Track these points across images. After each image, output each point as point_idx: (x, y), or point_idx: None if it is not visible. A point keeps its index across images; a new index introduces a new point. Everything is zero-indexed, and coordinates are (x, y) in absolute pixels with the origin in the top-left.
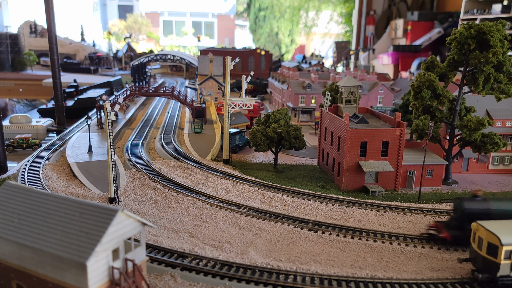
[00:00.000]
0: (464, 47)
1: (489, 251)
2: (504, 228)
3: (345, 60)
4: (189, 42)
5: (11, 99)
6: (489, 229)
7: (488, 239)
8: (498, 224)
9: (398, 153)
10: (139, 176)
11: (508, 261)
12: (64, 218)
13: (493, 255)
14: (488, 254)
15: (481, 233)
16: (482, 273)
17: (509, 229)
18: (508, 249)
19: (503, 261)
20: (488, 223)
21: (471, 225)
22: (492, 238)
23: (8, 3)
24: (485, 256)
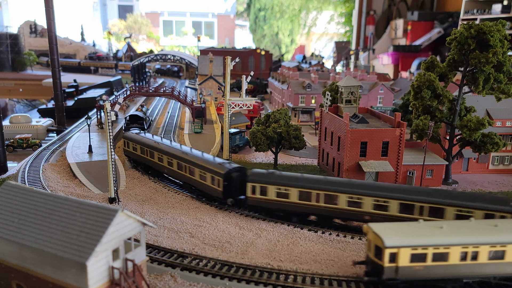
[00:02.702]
0: (464, 47)
1: (375, 253)
2: (391, 230)
3: (345, 60)
4: (189, 42)
5: (11, 99)
6: (376, 231)
7: (375, 241)
8: (387, 226)
9: (398, 153)
10: (139, 176)
11: (393, 264)
12: (64, 218)
13: (379, 258)
14: (375, 256)
15: (370, 235)
16: (370, 276)
17: (396, 231)
18: (393, 251)
19: (387, 263)
20: (377, 225)
21: (363, 227)
22: (378, 241)
23: (8, 3)
24: (373, 259)
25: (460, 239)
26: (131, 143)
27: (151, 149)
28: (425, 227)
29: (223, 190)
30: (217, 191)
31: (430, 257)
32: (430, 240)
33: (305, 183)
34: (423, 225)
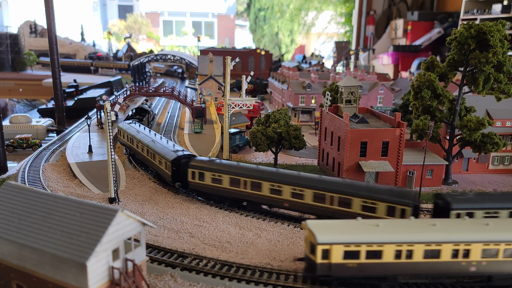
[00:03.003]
0: (464, 47)
1: (310, 250)
2: (326, 227)
3: (345, 60)
4: (189, 42)
5: (11, 99)
6: (310, 227)
7: (310, 238)
8: (323, 223)
9: (398, 153)
10: (139, 176)
11: (326, 260)
12: (64, 218)
13: (313, 254)
14: (310, 253)
15: (306, 232)
16: (306, 272)
17: (330, 228)
18: (325, 248)
19: (320, 260)
20: (313, 221)
21: (302, 224)
22: (312, 237)
23: (8, 3)
24: (308, 255)
25: (395, 237)
26: (122, 132)
27: (132, 137)
28: (361, 225)
29: (172, 174)
30: (168, 175)
31: (364, 254)
32: (364, 238)
33: (235, 170)
34: (359, 223)
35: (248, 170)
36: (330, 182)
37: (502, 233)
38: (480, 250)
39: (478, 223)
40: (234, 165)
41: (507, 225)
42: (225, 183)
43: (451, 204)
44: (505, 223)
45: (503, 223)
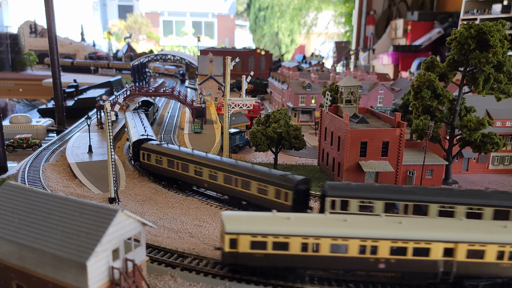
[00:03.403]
0: (464, 47)
1: (221, 239)
2: (236, 218)
3: (345, 60)
4: (189, 42)
5: (11, 99)
6: (222, 217)
7: (221, 227)
8: (236, 214)
9: (398, 153)
10: (139, 176)
11: (233, 249)
12: (64, 218)
13: (223, 243)
14: (221, 242)
15: (221, 222)
16: (221, 260)
17: (241, 219)
18: (232, 237)
19: (227, 249)
20: (228, 212)
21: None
22: (222, 227)
23: (8, 3)
24: (221, 244)
25: (301, 230)
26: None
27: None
28: (273, 217)
29: (133, 154)
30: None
31: (270, 245)
32: (270, 229)
33: (171, 153)
34: (272, 216)
35: (181, 153)
36: (238, 166)
37: (412, 232)
38: (388, 248)
39: (391, 221)
40: (172, 149)
41: (420, 224)
42: (164, 164)
43: (327, 191)
44: (420, 222)
45: (417, 222)
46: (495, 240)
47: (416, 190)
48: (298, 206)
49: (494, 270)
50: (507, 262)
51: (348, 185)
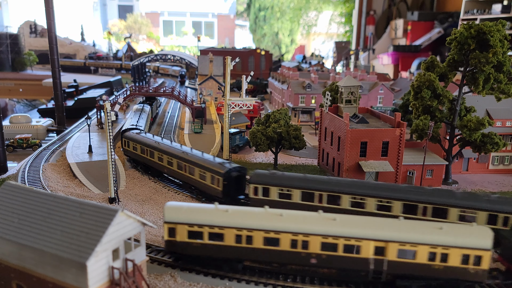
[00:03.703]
0: (464, 47)
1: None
2: (178, 208)
3: (345, 60)
4: (189, 42)
5: (11, 99)
6: (166, 207)
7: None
8: (179, 204)
9: (398, 153)
10: (139, 176)
11: (172, 238)
12: (64, 218)
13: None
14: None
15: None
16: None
17: (181, 209)
18: (171, 226)
19: (167, 237)
20: (173, 202)
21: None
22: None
23: (8, 3)
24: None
25: (235, 222)
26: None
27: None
28: (213, 209)
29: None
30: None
31: (207, 236)
32: (206, 220)
33: (139, 139)
34: (214, 208)
35: (150, 142)
36: (187, 154)
37: (343, 229)
38: (319, 243)
39: (325, 218)
40: (144, 138)
41: (353, 221)
42: (138, 151)
43: (250, 179)
44: (354, 219)
45: (351, 220)
46: (427, 241)
47: (331, 181)
48: (229, 192)
49: (426, 271)
50: (439, 264)
51: (273, 174)
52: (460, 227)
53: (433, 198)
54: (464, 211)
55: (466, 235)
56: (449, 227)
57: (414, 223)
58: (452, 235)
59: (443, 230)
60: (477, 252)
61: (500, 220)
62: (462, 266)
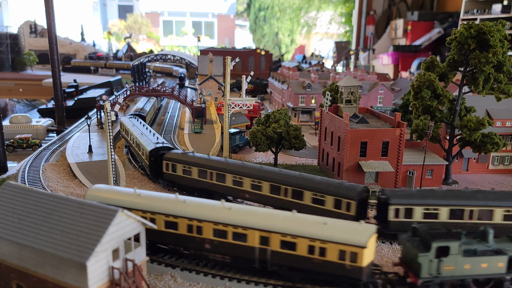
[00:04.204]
0: (464, 47)
1: None
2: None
3: (345, 60)
4: (189, 42)
5: (11, 99)
6: (92, 187)
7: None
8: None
9: (398, 153)
10: (139, 176)
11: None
12: (64, 218)
13: None
14: None
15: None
16: None
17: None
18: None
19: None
20: (100, 185)
21: None
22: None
23: (8, 3)
24: None
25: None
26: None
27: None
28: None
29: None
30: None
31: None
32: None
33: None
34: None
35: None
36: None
37: (232, 217)
38: (211, 229)
39: (222, 206)
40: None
41: (245, 211)
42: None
43: (163, 156)
44: (247, 209)
45: (244, 209)
46: (306, 234)
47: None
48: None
49: (306, 264)
50: (318, 258)
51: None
52: (346, 223)
53: (292, 181)
54: (315, 195)
55: (345, 231)
56: (333, 222)
57: (301, 217)
58: (332, 230)
59: (326, 225)
60: (352, 248)
61: (344, 205)
62: (340, 262)
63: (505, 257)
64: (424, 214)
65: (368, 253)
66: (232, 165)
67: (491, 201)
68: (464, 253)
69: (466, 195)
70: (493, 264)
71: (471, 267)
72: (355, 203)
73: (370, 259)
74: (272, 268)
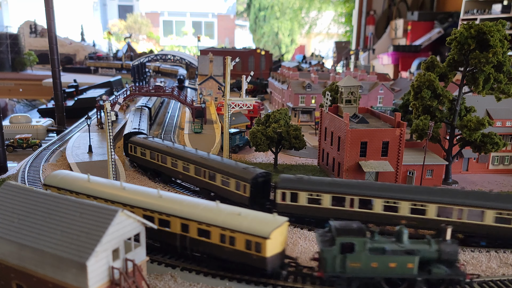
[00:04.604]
0: (464, 47)
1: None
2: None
3: (345, 60)
4: (189, 42)
5: (11, 99)
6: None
7: None
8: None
9: (398, 153)
10: (139, 176)
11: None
12: (64, 218)
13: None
14: None
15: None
16: None
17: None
18: (45, 188)
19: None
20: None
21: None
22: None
23: (8, 3)
24: None
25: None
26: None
27: None
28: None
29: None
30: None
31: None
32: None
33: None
34: (84, 178)
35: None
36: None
37: (158, 204)
38: (141, 215)
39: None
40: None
41: (172, 199)
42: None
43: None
44: (174, 198)
45: (171, 198)
46: (218, 223)
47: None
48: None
49: (220, 252)
50: (229, 246)
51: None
52: (259, 215)
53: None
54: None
55: (254, 222)
56: (247, 213)
57: (218, 207)
58: (242, 221)
59: (239, 216)
60: (257, 239)
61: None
62: (247, 251)
63: (414, 257)
64: (308, 199)
65: (272, 244)
66: (174, 149)
67: (370, 191)
68: (371, 251)
69: (349, 184)
70: (402, 264)
71: (378, 266)
72: (249, 186)
73: (276, 250)
74: (192, 254)
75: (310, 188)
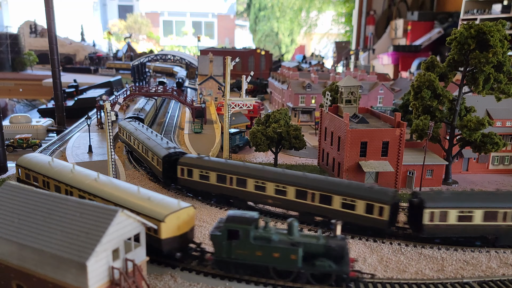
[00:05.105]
0: (464, 47)
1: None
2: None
3: (345, 60)
4: (189, 42)
5: (11, 99)
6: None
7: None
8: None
9: (398, 153)
10: (139, 176)
11: (18, 175)
12: (64, 218)
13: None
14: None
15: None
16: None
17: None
18: (17, 168)
19: (17, 175)
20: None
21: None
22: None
23: (8, 3)
24: None
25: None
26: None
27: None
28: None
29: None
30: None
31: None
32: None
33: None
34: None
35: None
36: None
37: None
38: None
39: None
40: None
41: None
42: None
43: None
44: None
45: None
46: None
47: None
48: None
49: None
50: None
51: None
52: (165, 199)
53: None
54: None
55: (156, 206)
56: (156, 197)
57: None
58: (146, 203)
59: (147, 200)
60: (154, 221)
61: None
62: (148, 233)
63: (298, 249)
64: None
65: (167, 228)
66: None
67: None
68: (256, 239)
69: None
70: (286, 255)
71: (263, 255)
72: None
73: (173, 234)
74: None
75: (202, 165)
